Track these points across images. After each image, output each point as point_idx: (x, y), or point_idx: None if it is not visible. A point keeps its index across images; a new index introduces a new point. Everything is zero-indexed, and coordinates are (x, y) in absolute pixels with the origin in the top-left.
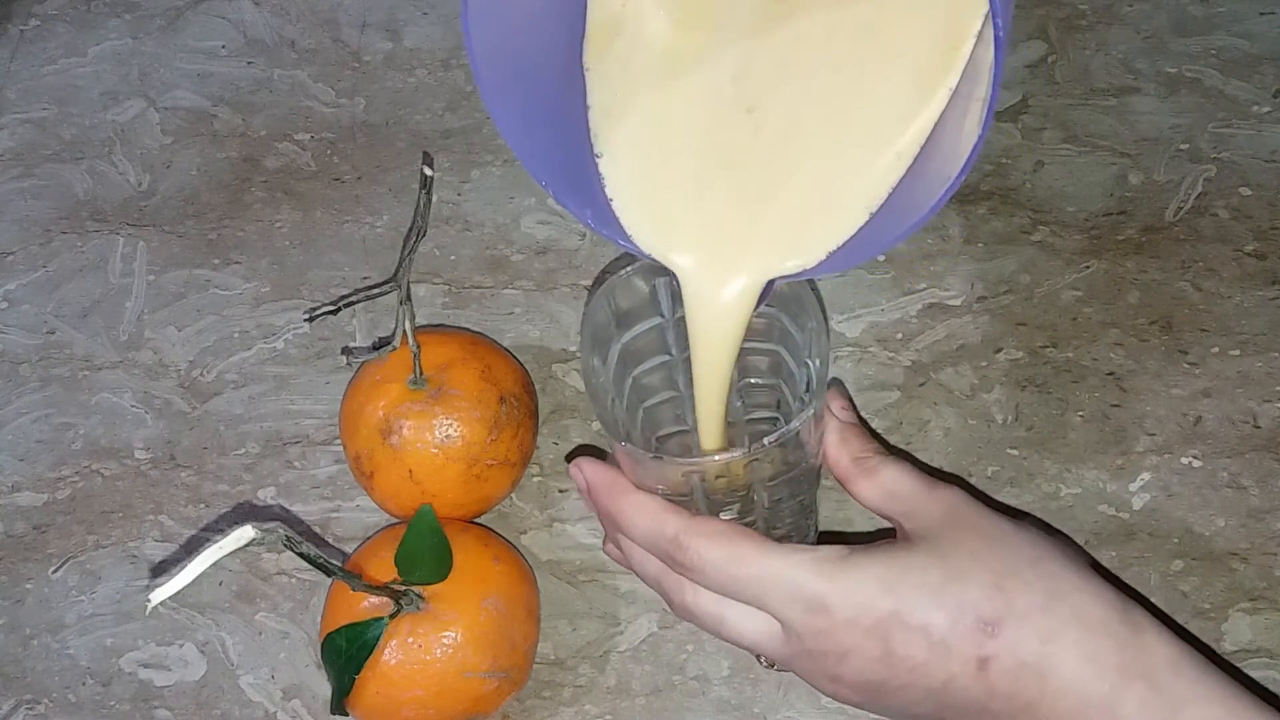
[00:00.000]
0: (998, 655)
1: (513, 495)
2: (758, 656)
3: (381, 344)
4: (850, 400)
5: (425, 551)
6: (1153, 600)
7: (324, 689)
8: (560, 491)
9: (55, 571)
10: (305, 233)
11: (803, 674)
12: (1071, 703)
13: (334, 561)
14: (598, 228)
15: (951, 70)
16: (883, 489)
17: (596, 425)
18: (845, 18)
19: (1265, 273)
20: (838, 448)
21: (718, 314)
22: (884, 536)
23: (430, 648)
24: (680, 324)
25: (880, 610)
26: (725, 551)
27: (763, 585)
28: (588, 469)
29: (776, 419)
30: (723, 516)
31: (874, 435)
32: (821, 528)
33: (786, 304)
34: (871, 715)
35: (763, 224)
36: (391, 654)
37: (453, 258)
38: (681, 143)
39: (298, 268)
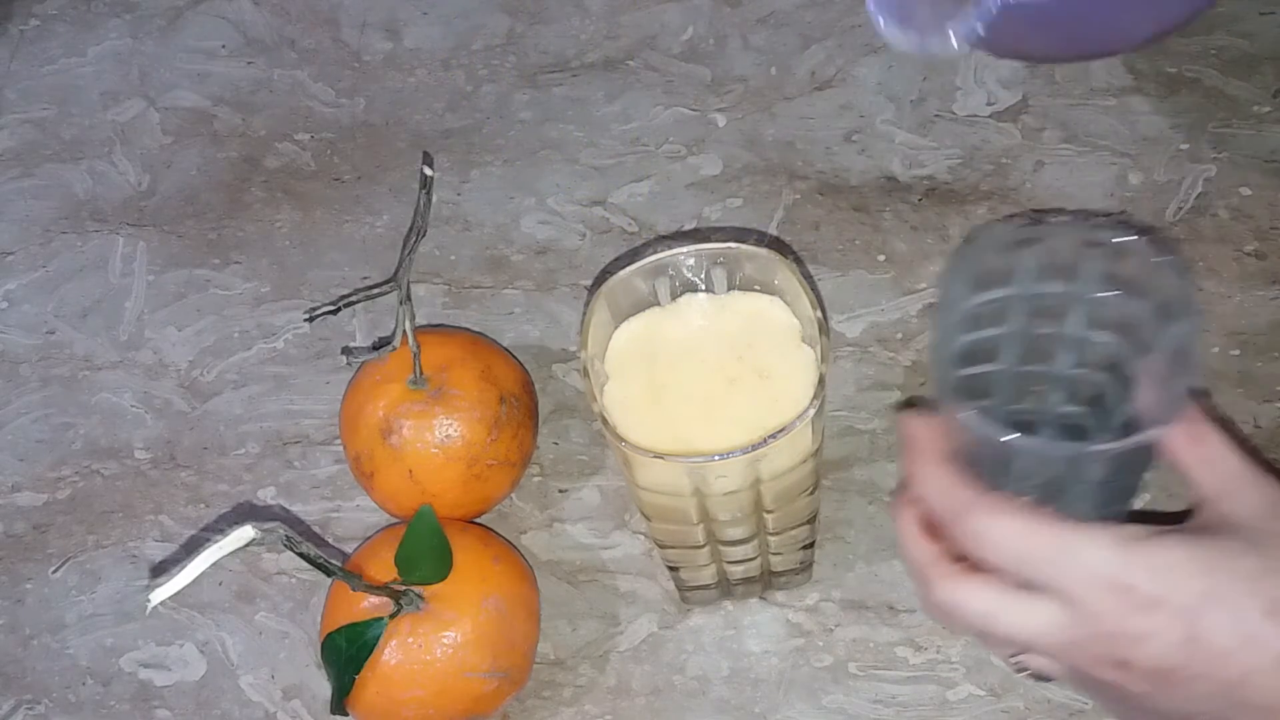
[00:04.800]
0: None
1: (513, 495)
2: (1015, 666)
3: (381, 344)
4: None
5: (425, 551)
6: None
7: (324, 689)
8: (560, 491)
9: (55, 571)
10: (305, 233)
11: (1082, 663)
12: None
13: (334, 561)
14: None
15: None
16: (1204, 459)
17: (596, 425)
18: None
19: (1265, 273)
20: (1182, 426)
21: None
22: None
23: (430, 648)
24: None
25: (1191, 593)
26: (1022, 523)
27: (1061, 560)
28: (910, 423)
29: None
30: (722, 518)
31: None
32: (821, 529)
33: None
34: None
35: None
36: (391, 654)
37: (453, 258)
38: None
39: (298, 268)
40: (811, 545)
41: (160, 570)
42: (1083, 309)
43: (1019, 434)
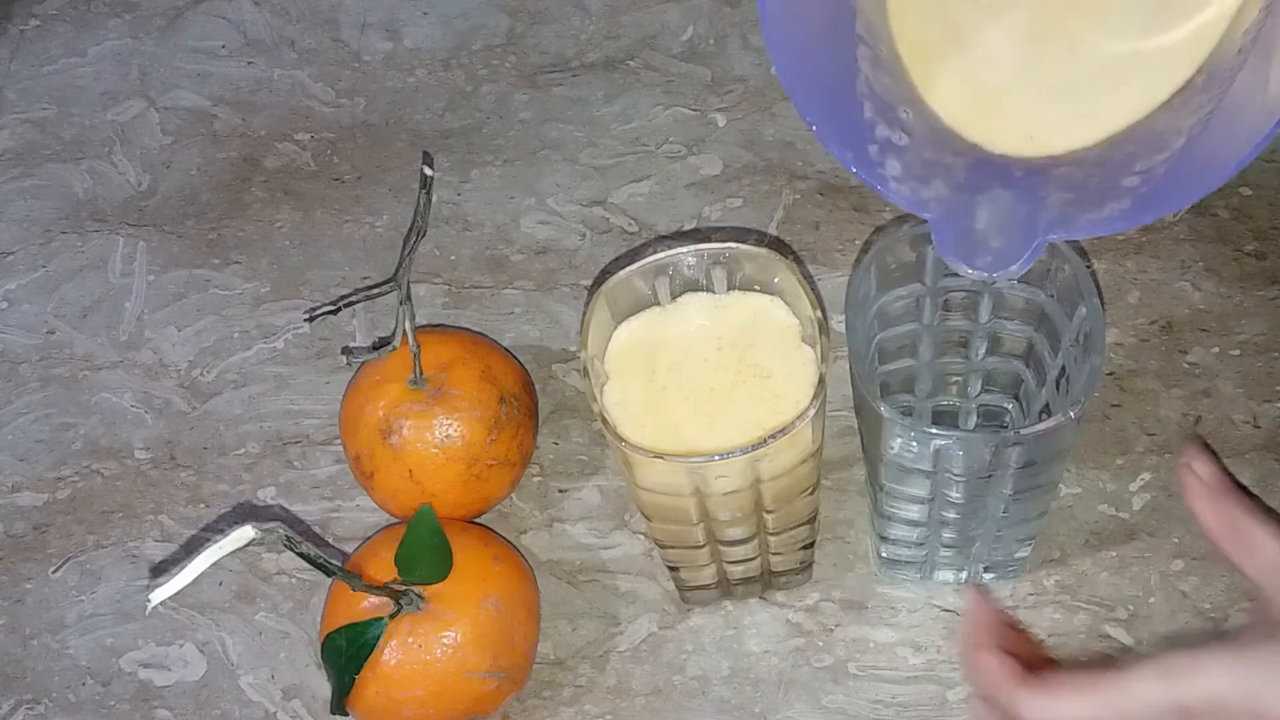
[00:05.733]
0: None
1: (513, 495)
2: None
3: (381, 344)
4: (1213, 455)
5: (425, 551)
6: (1152, 600)
7: (324, 689)
8: (560, 491)
9: (55, 571)
10: (305, 233)
11: None
12: None
13: (334, 561)
14: (860, 173)
15: None
16: (1246, 550)
17: (596, 425)
18: None
19: (1265, 273)
20: (1213, 511)
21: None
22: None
23: (430, 648)
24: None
25: (1239, 713)
26: (1076, 695)
27: (1119, 710)
28: (972, 608)
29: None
30: (722, 518)
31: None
32: (821, 529)
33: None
34: None
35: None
36: (391, 654)
37: (453, 258)
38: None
39: (298, 268)
40: (811, 545)
41: (160, 570)
42: (989, 299)
43: (939, 427)
